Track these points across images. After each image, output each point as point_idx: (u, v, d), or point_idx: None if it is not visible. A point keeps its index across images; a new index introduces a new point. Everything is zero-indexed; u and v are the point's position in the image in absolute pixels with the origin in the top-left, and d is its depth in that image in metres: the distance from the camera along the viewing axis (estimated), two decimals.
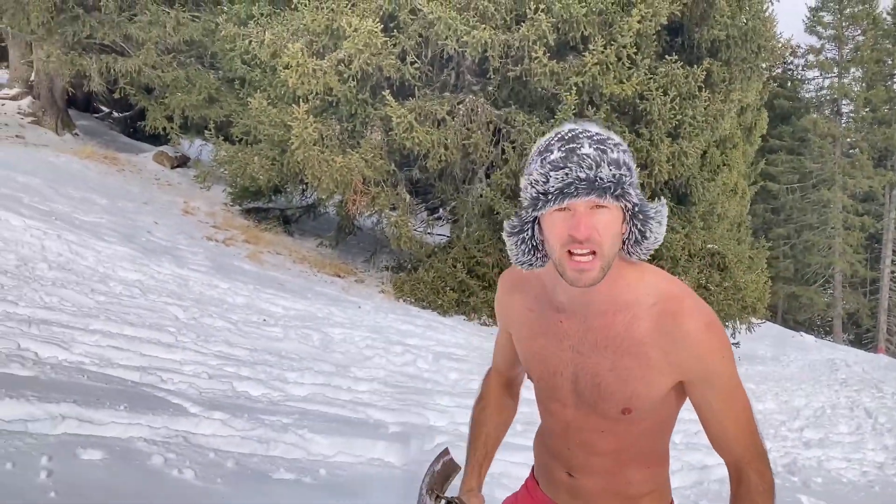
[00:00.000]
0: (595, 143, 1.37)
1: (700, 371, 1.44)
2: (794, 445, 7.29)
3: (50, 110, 15.53)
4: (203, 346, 5.93)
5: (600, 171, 1.34)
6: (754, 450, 1.48)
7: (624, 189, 1.36)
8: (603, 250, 1.37)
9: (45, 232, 8.06)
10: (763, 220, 39.47)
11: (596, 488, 1.62)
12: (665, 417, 1.57)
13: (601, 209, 1.36)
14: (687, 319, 1.42)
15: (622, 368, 1.46)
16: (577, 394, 1.55)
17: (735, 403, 1.48)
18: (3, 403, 3.56)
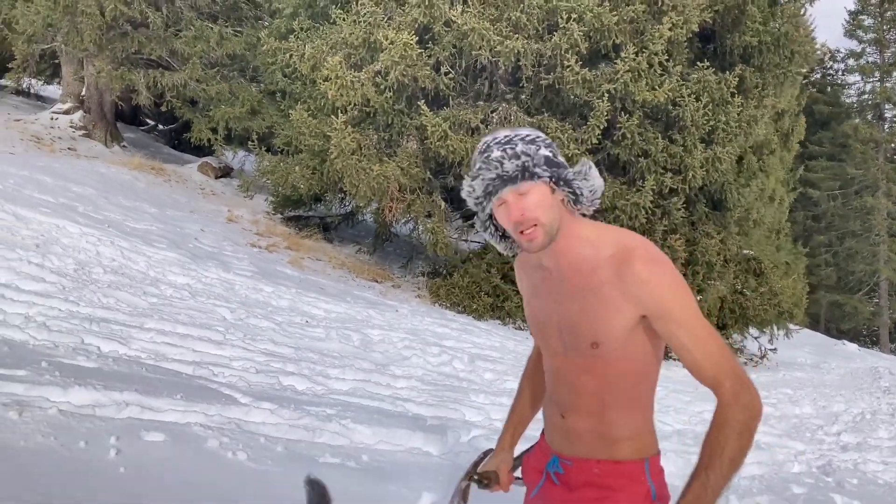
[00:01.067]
0: (501, 146, 1.72)
1: (654, 305, 1.67)
2: (831, 448, 7.31)
3: (100, 123, 16.14)
4: (250, 344, 6.25)
5: (504, 167, 1.69)
6: (727, 370, 1.64)
7: (530, 171, 1.69)
8: (540, 220, 1.69)
9: (100, 238, 8.47)
10: (804, 228, 38.92)
11: (583, 428, 1.83)
12: (639, 359, 1.77)
13: (525, 194, 1.69)
14: (637, 262, 1.68)
15: (588, 308, 1.73)
16: (561, 339, 1.82)
17: (698, 332, 1.67)
18: (74, 391, 3.89)
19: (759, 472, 5.49)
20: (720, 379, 1.64)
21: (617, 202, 11.29)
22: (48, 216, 8.51)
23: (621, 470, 1.80)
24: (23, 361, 4.29)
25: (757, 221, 14.23)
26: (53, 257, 7.21)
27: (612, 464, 1.80)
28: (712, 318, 11.96)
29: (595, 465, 1.81)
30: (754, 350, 13.90)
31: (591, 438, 1.83)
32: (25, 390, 3.78)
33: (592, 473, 1.82)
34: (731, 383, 1.63)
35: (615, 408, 1.80)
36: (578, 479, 1.85)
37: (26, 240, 7.54)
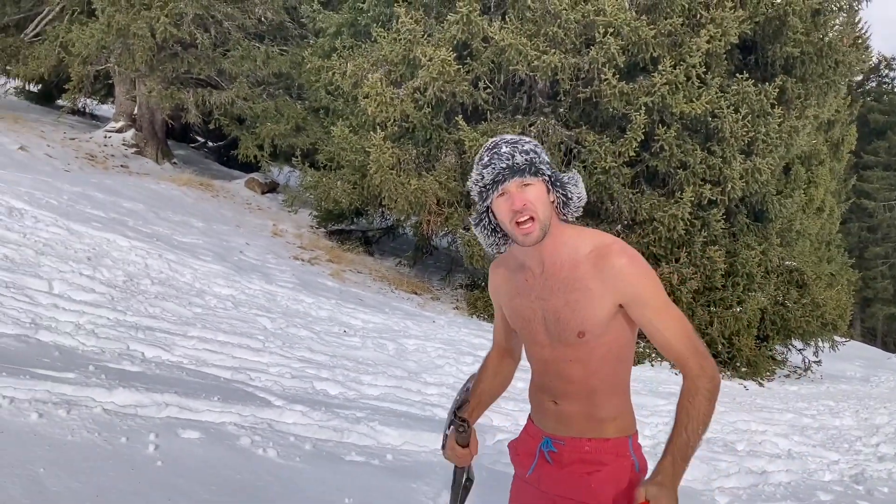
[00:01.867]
0: (509, 144, 1.93)
1: (630, 293, 1.92)
2: (867, 459, 7.25)
3: (151, 141, 16.72)
4: (287, 352, 6.49)
5: (515, 159, 1.89)
6: (692, 349, 1.93)
7: (536, 166, 1.90)
8: (538, 214, 1.89)
9: (148, 252, 8.83)
10: (858, 239, 38.05)
11: (574, 411, 2.06)
12: (618, 345, 2.02)
13: (527, 186, 1.89)
14: (614, 257, 1.93)
15: (573, 302, 1.95)
16: (547, 332, 2.03)
17: (668, 315, 1.95)
18: (118, 392, 4.14)
19: (786, 480, 5.51)
20: (687, 355, 1.92)
21: (655, 213, 11.31)
22: (100, 230, 8.90)
23: (609, 447, 2.05)
24: (72, 365, 4.57)
25: (801, 232, 14.04)
26: (104, 269, 7.56)
27: (600, 441, 2.05)
28: (752, 329, 11.86)
29: (586, 444, 2.06)
30: (798, 362, 13.69)
31: (581, 420, 2.07)
32: (73, 391, 4.04)
33: (584, 451, 2.06)
34: (696, 358, 1.92)
35: (600, 392, 2.04)
36: (571, 456, 2.08)
37: (79, 253, 7.92)
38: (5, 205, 8.54)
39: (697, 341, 1.95)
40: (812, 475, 5.90)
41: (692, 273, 11.24)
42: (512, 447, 2.31)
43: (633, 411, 2.13)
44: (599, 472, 2.03)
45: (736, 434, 7.09)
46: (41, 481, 2.97)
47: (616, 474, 2.03)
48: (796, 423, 8.31)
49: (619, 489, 2.02)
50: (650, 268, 1.98)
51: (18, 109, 17.15)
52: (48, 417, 3.54)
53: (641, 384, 8.96)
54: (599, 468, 2.04)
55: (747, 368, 12.02)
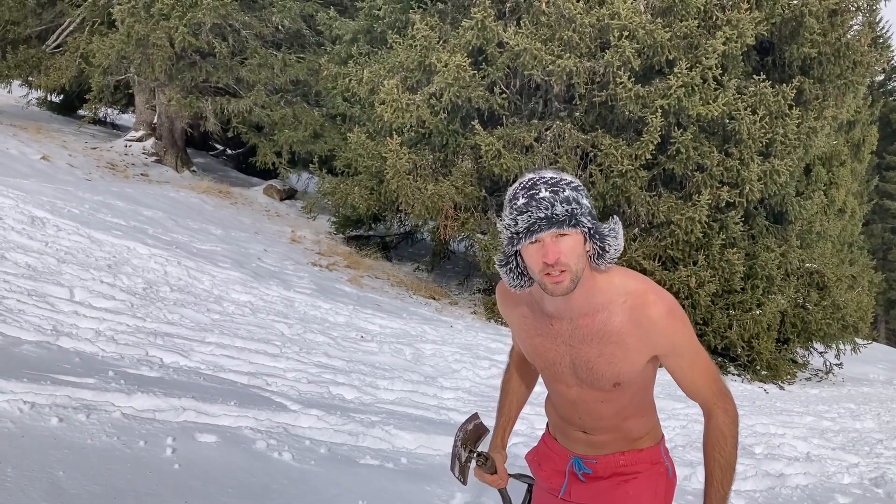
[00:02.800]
0: (549, 187, 1.73)
1: (668, 346, 1.88)
2: (888, 461, 7.17)
3: (171, 150, 16.90)
4: (304, 357, 6.54)
5: (555, 209, 1.71)
6: (718, 393, 1.92)
7: (577, 219, 1.73)
8: (570, 267, 1.74)
9: (167, 259, 8.93)
10: (882, 241, 37.66)
11: (607, 439, 2.07)
12: (646, 382, 2.02)
13: (563, 237, 1.73)
14: (651, 309, 1.84)
15: (608, 354, 1.88)
16: (576, 376, 1.97)
17: (699, 363, 1.92)
18: (137, 397, 4.21)
19: (804, 483, 5.47)
20: (714, 400, 1.91)
21: (672, 216, 11.27)
22: (120, 238, 9.02)
23: (643, 456, 2.06)
24: (92, 370, 4.65)
25: (821, 234, 13.93)
26: (124, 277, 7.66)
27: (635, 453, 2.06)
28: (772, 331, 11.78)
29: (621, 457, 2.06)
30: (819, 365, 13.57)
31: (614, 443, 2.08)
32: (93, 396, 4.12)
33: (619, 464, 2.07)
34: (722, 402, 1.91)
35: (632, 418, 2.05)
36: (606, 471, 2.09)
37: (99, 261, 8.03)
38: (28, 214, 8.68)
39: (721, 382, 1.94)
40: (830, 478, 5.85)
41: (710, 276, 11.19)
42: (533, 461, 2.28)
43: (658, 419, 2.15)
44: (636, 479, 2.05)
45: (754, 437, 7.04)
46: (60, 484, 3.03)
47: (652, 480, 2.06)
48: (816, 426, 8.24)
49: (656, 494, 2.05)
50: (684, 314, 1.91)
51: (41, 120, 17.40)
52: (68, 422, 3.61)
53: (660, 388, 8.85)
54: (635, 476, 2.05)
55: (767, 371, 11.94)
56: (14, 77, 16.95)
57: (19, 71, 16.75)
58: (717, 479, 1.85)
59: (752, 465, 5.92)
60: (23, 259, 7.11)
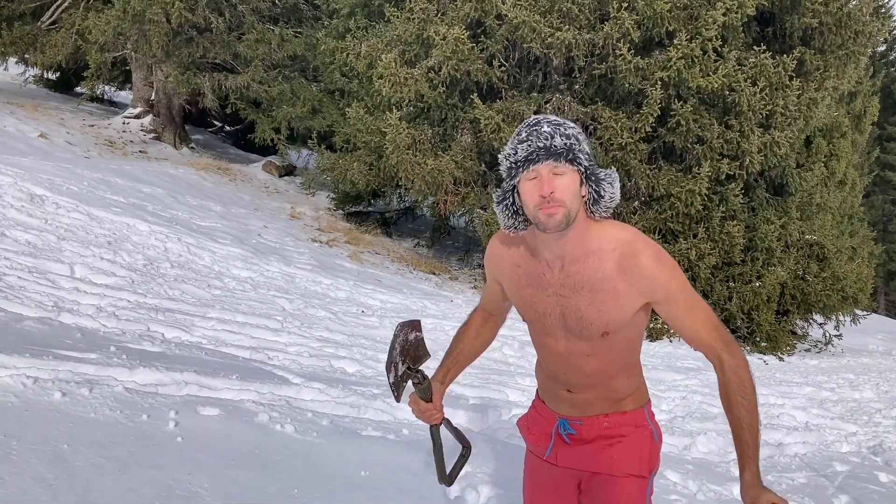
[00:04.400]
0: (551, 124, 1.81)
1: (659, 292, 1.88)
2: (886, 430, 7.22)
3: (169, 126, 16.84)
4: (306, 332, 6.56)
5: (554, 140, 1.77)
6: (721, 339, 1.89)
7: (574, 154, 1.78)
8: (565, 203, 1.78)
9: (168, 236, 8.93)
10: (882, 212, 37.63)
11: (591, 398, 2.07)
12: (634, 336, 2.01)
13: (560, 175, 1.77)
14: (640, 256, 1.86)
15: (598, 302, 1.90)
16: (565, 328, 1.98)
17: (696, 310, 1.90)
18: (139, 371, 4.23)
19: (802, 451, 5.52)
20: (719, 346, 1.88)
21: (672, 189, 11.24)
22: (119, 215, 9.01)
23: (627, 419, 2.07)
24: (94, 346, 4.67)
25: (821, 206, 13.89)
26: (124, 254, 7.67)
27: (619, 415, 2.07)
28: (772, 303, 11.81)
29: (604, 419, 2.07)
30: (818, 336, 13.62)
31: (598, 403, 2.08)
32: (96, 371, 4.14)
33: (602, 426, 2.07)
34: (728, 348, 1.88)
35: (617, 377, 2.05)
36: (591, 433, 2.09)
37: (99, 238, 8.03)
38: (27, 191, 8.67)
39: (724, 330, 1.91)
40: (829, 447, 5.90)
41: (710, 248, 11.19)
42: (523, 426, 2.31)
43: (644, 382, 2.15)
44: (620, 443, 2.05)
45: None
46: (65, 457, 3.06)
47: (636, 444, 2.06)
48: (815, 397, 8.29)
49: (640, 458, 2.05)
50: (675, 262, 1.92)
51: (38, 97, 17.33)
52: (71, 396, 3.63)
53: (659, 360, 8.98)
54: (620, 440, 2.06)
55: (767, 343, 11.98)
56: (10, 54, 16.83)
57: (15, 48, 16.63)
58: (746, 423, 1.80)
59: None
60: (23, 236, 7.11)
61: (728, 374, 1.84)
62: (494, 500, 3.58)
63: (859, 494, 4.71)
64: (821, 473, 5.02)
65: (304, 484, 3.37)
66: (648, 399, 2.15)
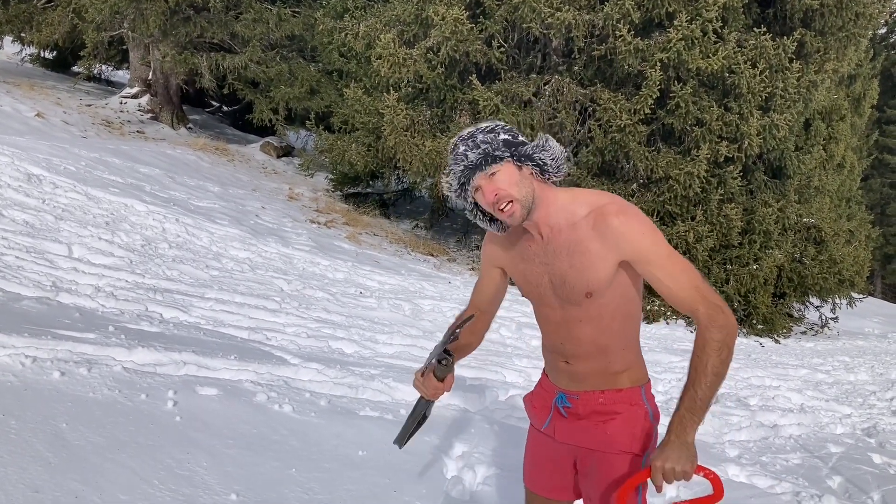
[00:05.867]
0: (465, 141, 1.95)
1: (631, 250, 1.93)
2: (880, 412, 7.27)
3: (166, 106, 16.75)
4: (304, 313, 6.58)
5: (468, 158, 1.92)
6: (701, 298, 1.91)
7: (492, 155, 1.90)
8: (514, 196, 1.92)
9: (165, 216, 8.92)
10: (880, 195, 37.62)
11: (587, 369, 2.12)
12: (623, 301, 2.04)
13: (494, 175, 1.91)
14: (611, 216, 1.93)
15: (577, 264, 1.98)
16: (555, 294, 2.06)
17: (673, 268, 1.94)
18: (137, 351, 4.24)
19: (797, 433, 5.56)
20: (695, 306, 1.90)
21: (671, 172, 11.22)
22: (117, 196, 8.99)
23: (622, 396, 2.10)
24: (92, 326, 4.68)
25: (819, 189, 13.89)
26: (122, 234, 7.66)
27: (614, 392, 2.10)
28: (769, 286, 11.84)
29: (600, 396, 2.11)
30: (815, 319, 13.67)
31: (594, 376, 2.12)
32: (94, 350, 4.15)
33: (597, 403, 2.12)
34: (704, 308, 1.89)
35: (611, 348, 2.08)
36: (586, 409, 2.14)
37: (97, 218, 8.02)
38: (24, 171, 8.64)
39: (707, 290, 1.92)
40: (824, 428, 5.94)
41: (708, 231, 11.19)
42: (527, 400, 2.37)
43: (643, 362, 2.17)
44: (614, 419, 2.09)
45: (749, 389, 7.13)
46: (64, 436, 3.08)
47: (630, 421, 2.09)
48: (810, 379, 8.33)
49: (633, 435, 2.09)
50: (650, 222, 1.97)
51: (34, 76, 17.22)
52: (70, 375, 3.64)
53: (656, 341, 9.02)
54: (614, 416, 2.10)
55: (763, 325, 12.01)
56: (6, 33, 16.74)
57: (11, 27, 16.52)
58: (691, 379, 1.87)
59: (746, 416, 6.00)
60: (20, 216, 7.10)
61: (697, 333, 1.90)
62: (491, 479, 3.61)
63: (853, 475, 4.74)
64: (815, 455, 5.05)
65: (301, 463, 3.39)
66: (648, 380, 2.17)
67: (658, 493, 1.96)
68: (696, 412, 1.86)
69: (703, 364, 1.86)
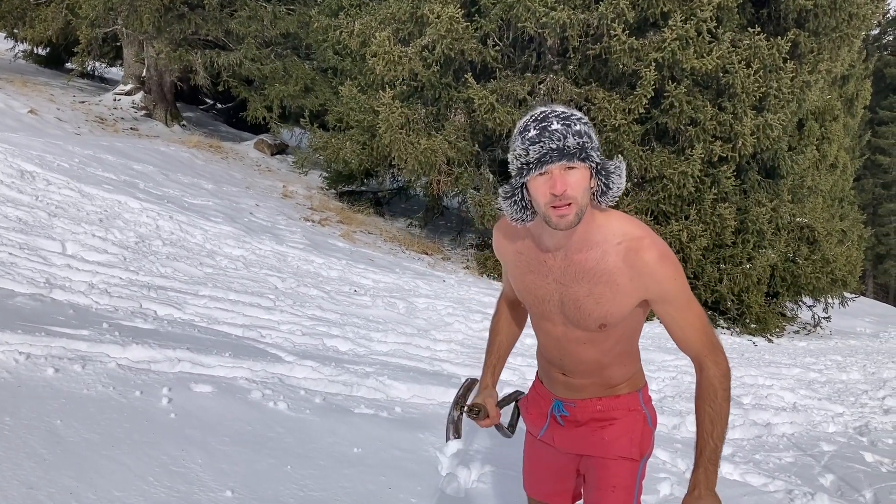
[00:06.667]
0: (561, 120, 1.76)
1: (659, 291, 1.88)
2: (872, 411, 7.29)
3: (160, 104, 16.70)
4: (298, 310, 6.57)
5: (567, 141, 1.74)
6: (709, 345, 1.90)
7: (587, 152, 1.76)
8: (577, 200, 1.77)
9: (159, 213, 8.90)
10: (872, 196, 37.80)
11: (585, 383, 2.09)
12: (632, 328, 2.02)
13: (571, 170, 1.75)
14: (645, 253, 1.85)
15: (597, 294, 1.90)
16: (563, 315, 1.99)
17: (690, 313, 1.90)
18: (131, 348, 4.24)
19: (790, 431, 5.58)
20: (704, 352, 1.89)
21: (665, 171, 11.25)
22: (111, 193, 8.97)
23: (620, 402, 2.08)
24: (86, 323, 4.67)
25: (813, 189, 13.94)
26: (116, 231, 7.64)
27: (612, 399, 2.08)
28: (762, 285, 11.88)
29: (597, 402, 2.08)
30: (808, 318, 13.73)
31: (592, 388, 2.09)
32: (88, 347, 4.14)
33: (595, 410, 2.09)
34: (713, 354, 1.89)
35: (612, 366, 2.06)
36: (584, 416, 2.11)
37: (91, 215, 8.00)
38: (17, 168, 8.61)
39: (713, 335, 1.92)
40: (816, 427, 5.96)
41: (702, 230, 11.23)
42: (523, 406, 2.32)
43: (641, 367, 2.15)
44: (612, 425, 2.07)
45: (742, 388, 7.15)
46: (58, 432, 3.07)
47: (628, 426, 2.07)
48: (803, 378, 8.37)
49: (631, 440, 2.07)
50: (678, 262, 1.91)
51: (27, 73, 17.15)
52: (64, 372, 3.64)
53: (650, 340, 9.02)
54: (612, 422, 2.08)
55: (756, 325, 12.06)
56: None
57: (4, 22, 16.46)
58: (707, 432, 1.85)
59: (739, 414, 6.02)
60: (13, 213, 7.08)
61: (704, 381, 1.88)
62: (486, 476, 3.62)
63: (845, 474, 4.77)
64: (808, 453, 5.08)
65: (296, 460, 3.39)
66: (645, 384, 2.15)
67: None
68: (716, 462, 1.86)
69: (716, 413, 1.85)
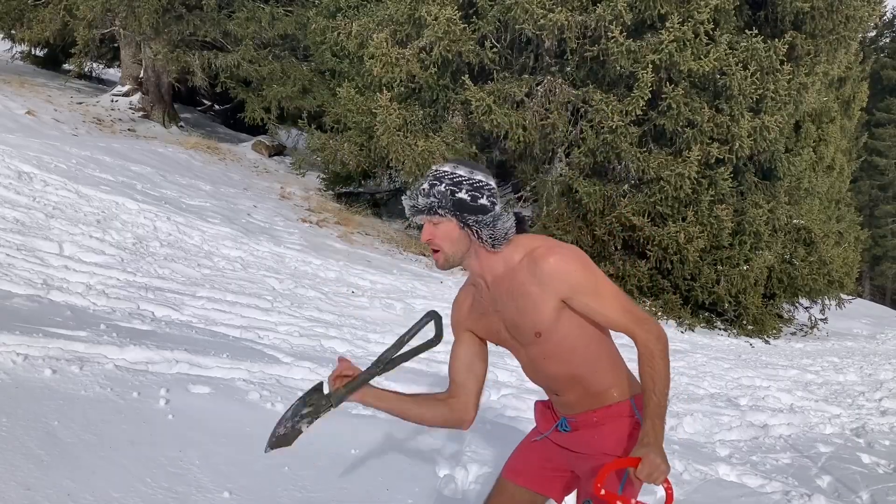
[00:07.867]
0: (432, 180, 1.99)
1: (567, 289, 2.00)
2: (869, 413, 7.32)
3: (158, 105, 16.69)
4: (296, 311, 6.58)
5: (418, 201, 1.99)
6: (635, 320, 2.02)
7: (434, 210, 1.97)
8: (443, 249, 2.00)
9: (157, 214, 8.90)
10: (869, 197, 37.87)
11: (575, 396, 2.18)
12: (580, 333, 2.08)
13: (438, 224, 1.98)
14: (541, 260, 2.00)
15: (521, 307, 2.04)
16: (513, 338, 2.13)
17: (604, 296, 2.02)
18: (129, 349, 4.24)
19: (787, 433, 5.59)
20: (631, 327, 2.02)
21: (662, 173, 11.27)
22: (108, 194, 8.97)
23: (613, 411, 2.16)
24: (84, 324, 4.67)
25: (809, 190, 13.97)
26: (113, 232, 7.65)
27: (605, 409, 2.16)
28: (759, 287, 11.89)
29: (594, 414, 2.18)
30: (804, 320, 13.76)
31: (583, 400, 2.18)
32: (86, 348, 4.15)
33: (593, 421, 2.18)
34: (639, 327, 2.01)
35: (583, 376, 2.14)
36: (584, 426, 2.20)
37: (88, 216, 7.99)
38: (14, 169, 8.60)
39: (636, 310, 2.05)
40: (813, 428, 5.98)
41: (699, 232, 11.25)
42: (538, 410, 2.42)
43: (629, 375, 2.20)
44: (604, 426, 2.15)
45: (739, 390, 7.17)
46: (56, 433, 3.07)
47: (617, 428, 2.14)
48: (800, 379, 8.38)
49: (619, 439, 2.13)
50: (578, 257, 2.03)
51: (25, 74, 17.13)
52: (61, 373, 3.64)
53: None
54: (603, 425, 2.16)
55: (753, 326, 12.08)
56: None
57: (1, 23, 16.45)
58: (650, 388, 1.95)
59: (736, 416, 6.04)
60: (10, 214, 7.07)
61: (641, 346, 2.00)
62: (483, 478, 3.63)
63: (842, 475, 4.78)
64: (805, 454, 5.09)
65: (294, 461, 3.39)
66: (638, 392, 2.16)
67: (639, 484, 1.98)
68: (661, 417, 1.95)
69: (656, 372, 1.97)
